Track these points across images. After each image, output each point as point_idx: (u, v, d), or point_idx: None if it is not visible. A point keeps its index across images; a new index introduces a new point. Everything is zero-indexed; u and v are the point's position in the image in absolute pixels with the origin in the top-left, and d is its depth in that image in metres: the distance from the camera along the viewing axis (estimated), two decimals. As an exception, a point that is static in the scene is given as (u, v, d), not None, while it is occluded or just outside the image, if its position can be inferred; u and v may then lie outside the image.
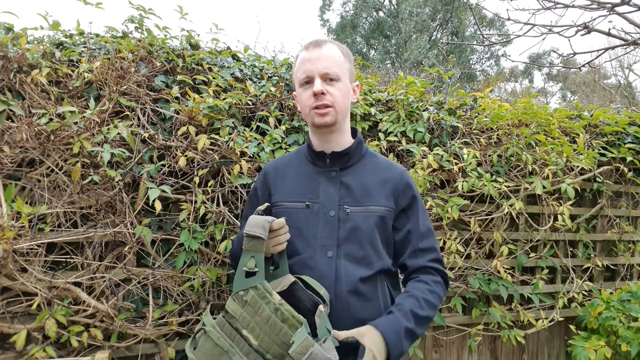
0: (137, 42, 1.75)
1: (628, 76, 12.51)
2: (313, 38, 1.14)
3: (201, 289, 1.66)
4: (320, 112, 1.07)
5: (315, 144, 1.16)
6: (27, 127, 1.43)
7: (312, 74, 1.07)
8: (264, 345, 0.93)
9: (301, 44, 1.22)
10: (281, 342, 0.92)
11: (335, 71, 1.07)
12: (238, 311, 0.96)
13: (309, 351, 0.86)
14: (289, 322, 0.93)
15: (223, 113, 1.73)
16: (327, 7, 17.35)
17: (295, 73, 1.14)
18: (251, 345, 0.93)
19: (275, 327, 0.93)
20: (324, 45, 1.09)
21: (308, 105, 1.08)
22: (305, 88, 1.09)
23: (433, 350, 2.20)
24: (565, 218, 2.17)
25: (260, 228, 0.99)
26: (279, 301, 0.95)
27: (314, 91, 1.05)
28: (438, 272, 1.13)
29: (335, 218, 1.08)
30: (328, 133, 1.12)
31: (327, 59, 1.07)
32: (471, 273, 2.14)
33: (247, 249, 0.99)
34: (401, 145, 2.01)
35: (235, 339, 0.94)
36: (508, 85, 17.08)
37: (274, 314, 0.94)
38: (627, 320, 2.11)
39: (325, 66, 1.06)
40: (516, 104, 2.33)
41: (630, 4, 1.70)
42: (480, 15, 14.32)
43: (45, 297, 1.48)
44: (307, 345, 0.87)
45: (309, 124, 1.15)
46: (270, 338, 0.93)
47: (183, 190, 1.67)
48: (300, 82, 1.10)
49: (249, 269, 0.98)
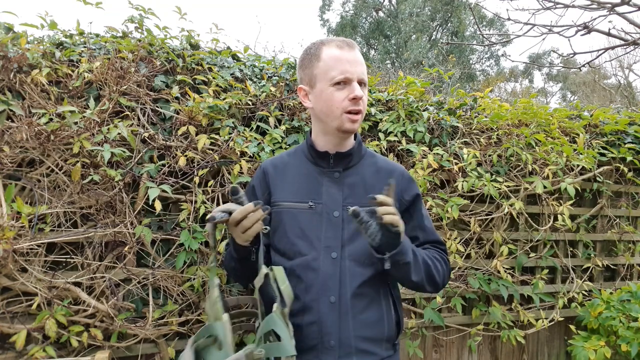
0: (137, 42, 1.75)
1: (628, 76, 12.52)
2: (337, 37, 1.12)
3: (201, 289, 1.66)
4: (354, 118, 1.06)
5: (321, 145, 1.14)
6: (27, 127, 1.43)
7: (352, 77, 1.05)
8: None
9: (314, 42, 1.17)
10: None
11: (366, 78, 1.09)
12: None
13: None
14: None
15: (223, 113, 1.73)
16: (327, 7, 17.34)
17: (321, 68, 1.07)
18: None
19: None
20: (356, 48, 1.09)
21: (342, 107, 1.05)
22: (339, 88, 1.05)
23: (433, 350, 2.20)
24: (565, 218, 2.17)
25: (221, 212, 0.98)
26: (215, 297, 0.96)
27: (356, 95, 1.04)
28: (444, 254, 1.17)
29: (339, 219, 1.07)
30: (347, 138, 1.13)
31: (362, 64, 1.07)
32: (471, 273, 2.14)
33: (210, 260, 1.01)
34: (401, 145, 2.01)
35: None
36: (508, 85, 17.08)
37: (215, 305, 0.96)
38: (627, 320, 2.11)
39: (362, 71, 1.07)
40: (516, 104, 2.34)
41: (630, 4, 1.70)
42: (480, 15, 14.32)
43: (45, 297, 1.48)
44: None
45: (332, 126, 1.09)
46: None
47: (183, 190, 1.67)
48: (333, 80, 1.05)
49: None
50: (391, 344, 1.11)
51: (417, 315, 2.10)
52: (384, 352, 1.08)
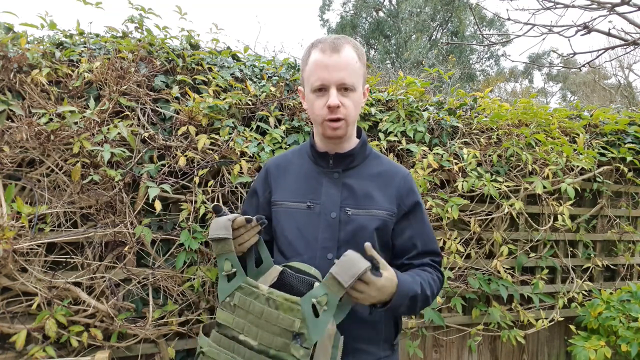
0: (137, 42, 1.74)
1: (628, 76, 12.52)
2: (329, 36, 1.04)
3: (201, 289, 1.66)
4: (333, 125, 1.04)
5: (320, 146, 1.14)
6: (27, 127, 1.43)
7: (327, 83, 1.01)
8: (265, 342, 0.91)
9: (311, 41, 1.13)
10: (281, 331, 0.90)
11: (352, 81, 1.02)
12: (229, 319, 0.95)
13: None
14: (284, 307, 0.91)
15: (223, 113, 1.73)
16: (327, 7, 17.34)
17: (306, 74, 1.07)
18: (252, 348, 0.91)
19: (270, 317, 0.91)
20: (342, 50, 1.01)
21: (320, 115, 1.04)
22: (318, 95, 1.03)
23: (433, 350, 2.20)
24: (565, 218, 2.17)
25: (223, 229, 0.98)
26: (267, 291, 0.93)
27: (330, 104, 1.00)
28: (438, 270, 1.14)
29: (336, 220, 1.07)
30: (336, 143, 1.11)
31: (345, 68, 1.01)
32: (471, 273, 2.14)
33: (218, 253, 0.98)
34: (401, 145, 2.01)
35: (235, 349, 0.92)
36: (508, 85, 17.09)
37: (265, 305, 0.92)
38: (627, 320, 2.11)
39: (342, 77, 1.00)
40: (516, 104, 2.34)
41: (630, 4, 1.70)
42: (480, 15, 14.32)
43: (45, 297, 1.48)
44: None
45: (317, 132, 1.11)
46: (269, 331, 0.91)
47: (183, 190, 1.67)
48: (313, 87, 1.04)
49: (227, 272, 0.97)
50: (389, 344, 1.11)
51: (417, 315, 2.10)
52: (381, 352, 1.08)
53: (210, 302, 1.69)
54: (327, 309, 0.90)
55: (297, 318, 0.90)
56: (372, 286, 0.90)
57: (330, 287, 0.90)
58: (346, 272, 0.88)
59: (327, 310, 0.90)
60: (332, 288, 0.90)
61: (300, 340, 0.89)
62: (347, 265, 0.89)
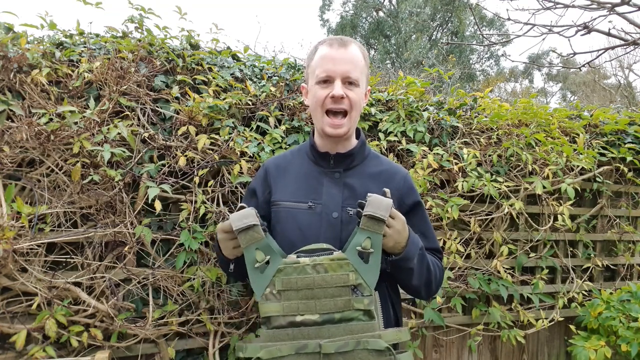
0: (137, 42, 1.74)
1: (628, 76, 12.51)
2: (337, 36, 1.09)
3: (201, 289, 1.66)
4: (335, 123, 1.05)
5: (320, 145, 1.15)
6: (27, 127, 1.43)
7: (333, 75, 1.03)
8: (326, 309, 0.88)
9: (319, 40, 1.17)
10: (339, 290, 0.88)
11: (356, 76, 1.05)
12: (278, 307, 0.91)
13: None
14: (333, 267, 0.89)
15: (223, 113, 1.73)
16: (327, 7, 17.34)
17: (312, 68, 1.09)
18: (315, 323, 0.88)
19: (323, 282, 0.89)
20: (349, 46, 1.05)
21: (322, 105, 1.05)
22: (323, 87, 1.05)
23: (433, 350, 2.20)
24: (565, 218, 2.17)
25: (250, 217, 0.94)
26: (310, 260, 0.91)
27: (334, 94, 1.02)
28: (441, 262, 1.17)
29: (338, 220, 1.07)
30: (337, 142, 1.12)
31: (350, 62, 1.04)
32: (471, 273, 2.14)
33: (247, 244, 0.94)
34: (401, 145, 2.01)
35: (296, 334, 0.89)
36: (508, 85, 17.09)
37: (314, 273, 0.90)
38: (627, 320, 2.11)
39: (348, 69, 1.03)
40: (516, 104, 2.33)
41: (630, 4, 1.70)
42: (480, 15, 14.32)
43: (45, 297, 1.47)
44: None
45: (318, 131, 1.11)
46: (327, 297, 0.88)
47: (183, 190, 1.67)
48: (318, 79, 1.06)
49: (260, 263, 0.92)
50: None
51: (417, 315, 2.10)
52: None
53: (210, 302, 1.69)
54: (374, 250, 0.92)
55: (349, 271, 0.90)
56: (398, 220, 0.95)
57: (369, 228, 0.92)
58: (379, 208, 0.91)
59: (374, 252, 0.92)
60: (371, 228, 0.91)
61: (360, 291, 0.89)
62: (376, 202, 0.92)
